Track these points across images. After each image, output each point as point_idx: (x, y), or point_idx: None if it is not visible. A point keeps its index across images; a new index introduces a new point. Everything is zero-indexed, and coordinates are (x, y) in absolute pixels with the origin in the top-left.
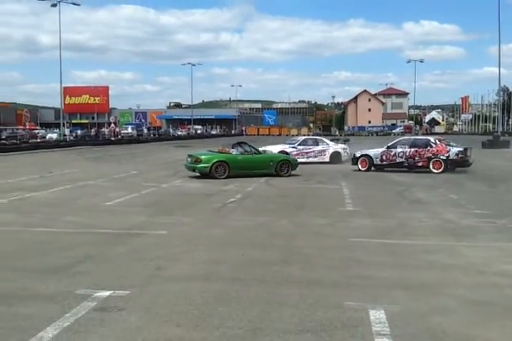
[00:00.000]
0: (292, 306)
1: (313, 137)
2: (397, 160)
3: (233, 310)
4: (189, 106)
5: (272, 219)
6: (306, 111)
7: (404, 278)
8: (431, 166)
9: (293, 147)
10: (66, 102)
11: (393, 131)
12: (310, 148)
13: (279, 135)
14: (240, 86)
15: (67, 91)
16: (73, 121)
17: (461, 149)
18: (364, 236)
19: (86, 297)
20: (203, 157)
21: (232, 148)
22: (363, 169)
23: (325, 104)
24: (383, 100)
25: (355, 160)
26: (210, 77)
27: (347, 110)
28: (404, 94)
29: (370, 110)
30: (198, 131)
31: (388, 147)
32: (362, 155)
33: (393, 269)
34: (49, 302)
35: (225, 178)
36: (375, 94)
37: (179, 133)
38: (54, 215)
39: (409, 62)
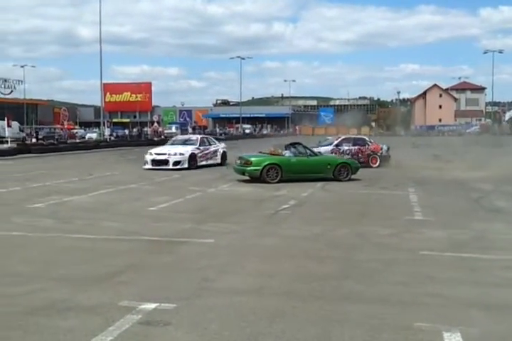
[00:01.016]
0: (355, 326)
1: (205, 136)
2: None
3: (289, 328)
4: (237, 104)
5: (329, 228)
6: (367, 109)
7: (482, 296)
8: (370, 162)
9: (197, 148)
10: (106, 100)
11: (468, 130)
12: (208, 149)
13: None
14: (294, 81)
15: (108, 88)
16: (114, 120)
17: (388, 147)
18: (435, 249)
19: (130, 309)
20: (253, 159)
21: (285, 149)
22: None
23: (389, 100)
24: (456, 96)
25: None
26: (261, 71)
27: (414, 107)
28: (481, 89)
29: (440, 107)
30: (247, 131)
31: (336, 145)
32: None
33: (470, 287)
34: (91, 315)
35: (277, 182)
36: (447, 89)
37: (232, 131)
38: (94, 221)
39: (486, 52)
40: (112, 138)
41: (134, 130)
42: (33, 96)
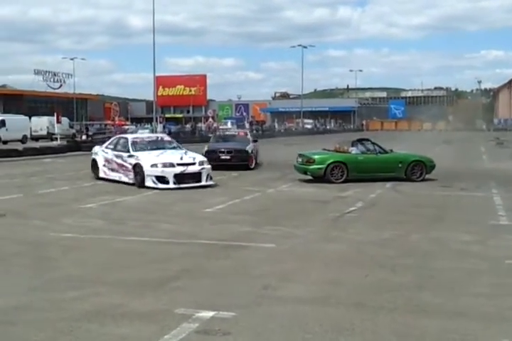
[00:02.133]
0: None
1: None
2: None
3: None
4: (298, 97)
5: (401, 233)
6: (443, 101)
7: None
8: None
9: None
10: (159, 94)
11: None
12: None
13: (409, 130)
14: (361, 71)
15: (160, 81)
16: (166, 115)
17: None
18: None
19: (186, 317)
20: (316, 157)
21: (352, 146)
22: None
23: (468, 91)
24: None
25: None
26: (324, 60)
27: (497, 98)
28: None
29: None
30: (308, 126)
31: (255, 141)
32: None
33: None
34: (146, 322)
35: (342, 182)
36: None
37: (292, 127)
38: (147, 222)
39: None
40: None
41: (187, 126)
42: (82, 91)
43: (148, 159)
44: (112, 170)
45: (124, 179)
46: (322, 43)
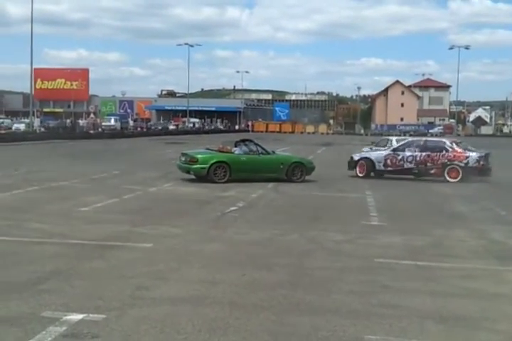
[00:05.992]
0: (302, 339)
1: None
2: (405, 166)
3: None
4: (185, 95)
5: (279, 233)
6: (325, 105)
7: (438, 308)
8: (446, 174)
9: None
10: (37, 87)
11: (430, 130)
12: None
13: (293, 132)
14: (247, 72)
15: (39, 74)
16: (45, 110)
17: (482, 155)
18: (391, 257)
19: (53, 320)
20: (199, 156)
21: (235, 146)
22: (361, 175)
23: (348, 96)
24: (419, 94)
25: (352, 164)
26: (212, 60)
27: (375, 105)
28: (446, 87)
29: (402, 105)
30: (191, 125)
31: (394, 150)
32: (361, 159)
33: (425, 297)
34: (8, 326)
35: (225, 182)
36: (410, 86)
37: (178, 125)
38: (17, 222)
39: (451, 48)
40: (43, 129)
41: (67, 121)
42: None
43: None
44: None
45: None
46: (210, 43)
